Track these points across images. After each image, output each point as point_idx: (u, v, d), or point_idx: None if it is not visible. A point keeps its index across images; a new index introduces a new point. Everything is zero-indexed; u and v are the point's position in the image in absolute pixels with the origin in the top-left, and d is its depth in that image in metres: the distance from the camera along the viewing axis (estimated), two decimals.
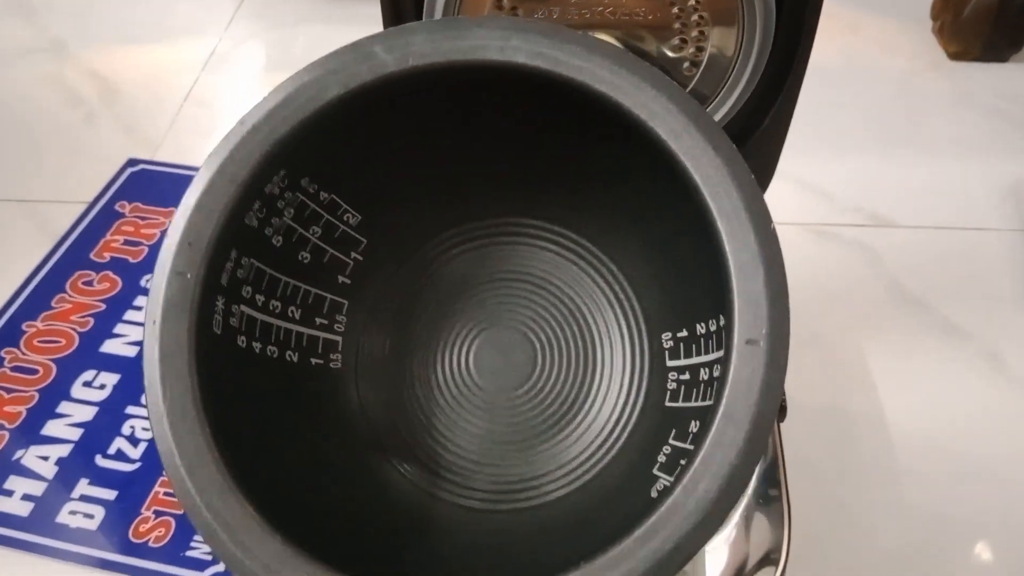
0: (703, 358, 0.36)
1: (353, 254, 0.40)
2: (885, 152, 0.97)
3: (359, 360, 0.39)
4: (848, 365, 0.77)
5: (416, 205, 0.40)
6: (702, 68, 0.50)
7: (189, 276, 0.31)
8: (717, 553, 0.47)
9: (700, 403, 0.34)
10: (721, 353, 0.34)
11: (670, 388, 0.37)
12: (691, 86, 0.50)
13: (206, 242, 0.32)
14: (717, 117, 0.51)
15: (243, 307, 0.34)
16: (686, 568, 0.43)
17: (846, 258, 0.86)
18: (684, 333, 0.37)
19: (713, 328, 0.35)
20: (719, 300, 0.33)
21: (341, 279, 0.40)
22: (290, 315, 0.37)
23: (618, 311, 0.40)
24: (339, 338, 0.39)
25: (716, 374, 0.34)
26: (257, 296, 0.35)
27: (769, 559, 0.47)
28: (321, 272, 0.39)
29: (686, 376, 0.37)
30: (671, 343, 0.38)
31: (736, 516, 0.48)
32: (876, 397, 0.74)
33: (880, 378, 0.76)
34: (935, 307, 0.81)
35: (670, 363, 0.38)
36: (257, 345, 0.34)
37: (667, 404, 0.37)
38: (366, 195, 0.39)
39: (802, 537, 0.51)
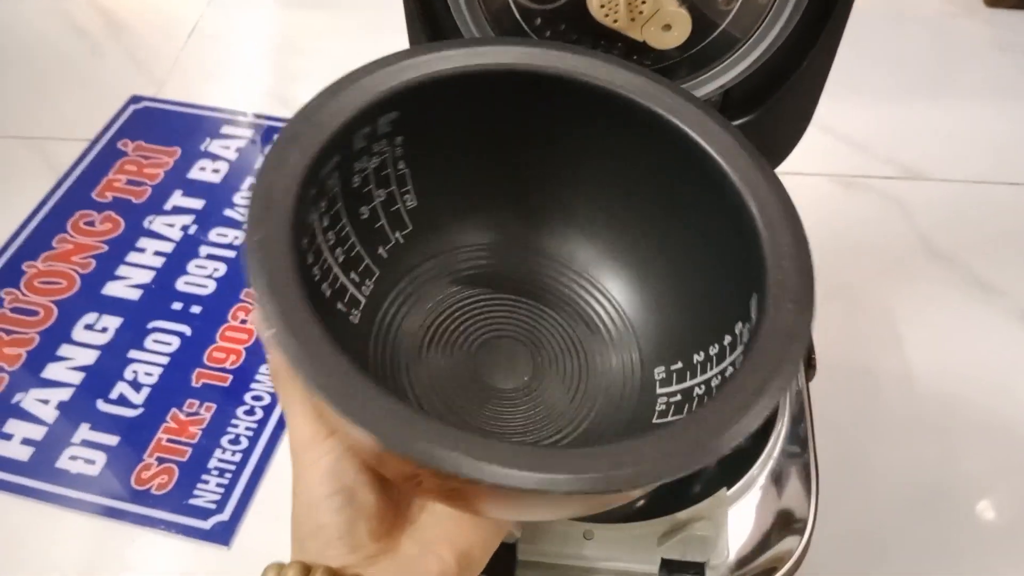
0: (697, 379, 0.37)
1: (397, 234, 0.41)
2: (918, 101, 0.93)
3: (375, 326, 0.39)
4: (875, 320, 0.74)
5: (463, 213, 0.43)
6: (740, 1, 0.47)
7: (296, 154, 0.31)
8: (742, 514, 0.45)
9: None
10: (722, 367, 0.35)
11: (659, 409, 0.38)
12: (727, 20, 0.47)
13: (324, 135, 0.33)
14: (754, 55, 0.47)
15: (317, 215, 0.35)
16: (707, 533, 0.41)
17: (876, 211, 0.82)
18: (679, 365, 0.38)
19: (714, 352, 0.36)
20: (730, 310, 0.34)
21: (381, 250, 0.41)
22: (336, 255, 0.37)
23: (617, 345, 0.41)
24: (363, 300, 0.40)
25: (715, 384, 0.35)
26: (324, 216, 0.36)
27: (795, 519, 0.45)
28: (369, 234, 0.40)
29: (677, 398, 0.38)
30: (663, 375, 0.39)
31: (762, 478, 0.46)
32: (903, 353, 0.72)
33: (908, 334, 0.73)
34: (966, 263, 0.78)
35: (660, 391, 0.39)
36: (311, 257, 0.35)
37: (654, 421, 0.38)
38: (431, 186, 0.41)
39: (828, 494, 0.49)
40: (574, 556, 0.42)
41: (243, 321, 0.74)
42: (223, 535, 0.62)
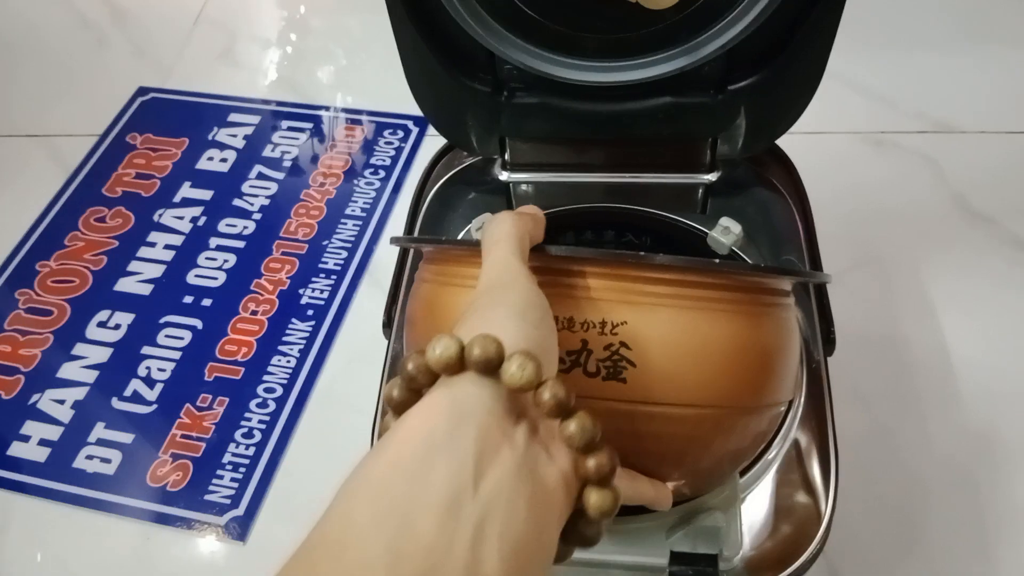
0: None
1: None
2: (949, 50, 0.88)
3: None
4: (907, 287, 0.70)
5: None
6: None
7: None
8: (757, 502, 0.42)
9: None
10: None
11: None
12: None
13: None
14: (757, 9, 0.44)
15: None
16: (718, 524, 0.39)
17: (906, 169, 0.78)
18: None
19: None
20: None
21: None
22: None
23: None
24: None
25: None
26: None
27: (813, 505, 0.43)
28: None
29: None
30: None
31: (777, 462, 0.43)
32: (936, 321, 0.68)
33: (942, 300, 0.69)
34: (1002, 222, 0.74)
35: None
36: None
37: None
38: None
39: (852, 474, 0.47)
40: (579, 551, 0.40)
41: (253, 312, 0.73)
42: (239, 530, 0.61)
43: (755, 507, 0.42)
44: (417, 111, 0.53)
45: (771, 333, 0.37)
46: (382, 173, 0.84)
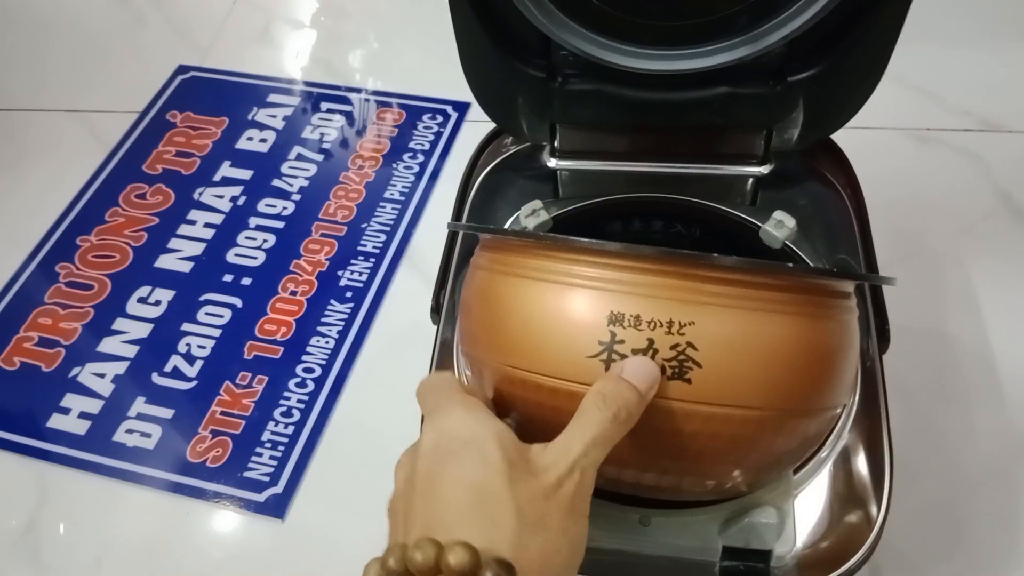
0: None
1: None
2: (996, 47, 0.87)
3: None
4: (952, 284, 0.70)
5: None
6: None
7: None
8: (811, 499, 0.42)
9: None
10: None
11: None
12: None
13: None
14: (822, 1, 0.43)
15: None
16: (771, 520, 0.39)
17: (952, 167, 0.77)
18: None
19: None
20: None
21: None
22: None
23: None
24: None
25: None
26: None
27: (867, 502, 0.42)
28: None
29: None
30: None
31: (832, 459, 0.43)
32: (981, 319, 0.67)
33: (987, 298, 0.68)
34: None
35: None
36: None
37: None
38: None
39: (900, 470, 0.46)
40: (630, 543, 0.40)
41: (292, 293, 0.73)
42: (277, 508, 0.61)
43: (808, 505, 0.42)
44: (456, 96, 0.53)
45: (834, 336, 0.37)
46: (421, 158, 0.83)
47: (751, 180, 0.55)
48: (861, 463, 0.43)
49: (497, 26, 0.49)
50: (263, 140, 0.85)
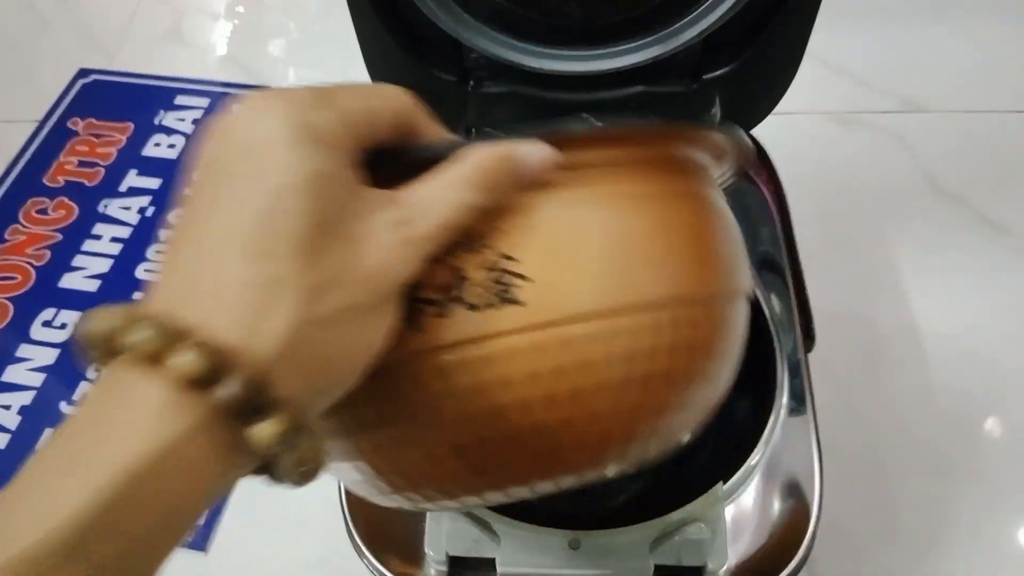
0: None
1: None
2: (917, 24, 0.87)
3: None
4: (878, 267, 0.70)
5: None
6: None
7: None
8: (741, 510, 0.41)
9: None
10: None
11: None
12: None
13: None
14: None
15: None
16: (702, 536, 0.37)
17: (876, 148, 0.77)
18: None
19: None
20: None
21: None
22: None
23: None
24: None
25: None
26: None
27: (800, 509, 0.42)
28: None
29: None
30: None
31: (761, 466, 0.42)
32: (908, 301, 0.68)
33: (913, 280, 0.69)
34: (972, 201, 0.73)
35: None
36: None
37: None
38: None
39: (830, 462, 0.46)
40: (560, 568, 0.39)
41: None
42: (199, 540, 0.59)
43: (740, 515, 0.41)
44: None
45: (692, 208, 0.29)
46: None
47: None
48: (791, 467, 0.43)
49: (403, 28, 0.47)
50: (171, 146, 0.81)
